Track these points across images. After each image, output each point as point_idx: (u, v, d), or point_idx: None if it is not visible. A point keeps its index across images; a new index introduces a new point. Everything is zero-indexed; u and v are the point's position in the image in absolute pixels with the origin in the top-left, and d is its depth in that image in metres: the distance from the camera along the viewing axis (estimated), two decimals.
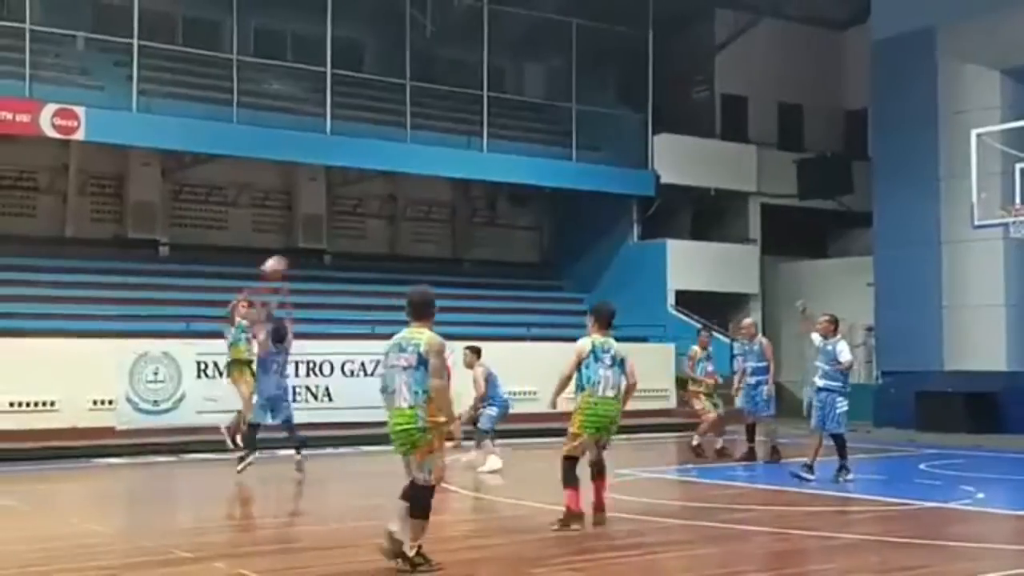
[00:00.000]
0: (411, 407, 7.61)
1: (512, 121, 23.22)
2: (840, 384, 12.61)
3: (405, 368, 7.67)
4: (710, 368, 15.69)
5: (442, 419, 7.65)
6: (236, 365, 14.50)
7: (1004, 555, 8.90)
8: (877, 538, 9.35)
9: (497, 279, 23.73)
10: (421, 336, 7.75)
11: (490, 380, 13.93)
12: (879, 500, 11.31)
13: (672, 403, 21.16)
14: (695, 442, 15.56)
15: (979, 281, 20.58)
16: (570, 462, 9.50)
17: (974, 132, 16.56)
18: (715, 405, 15.56)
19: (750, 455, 14.93)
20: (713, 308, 22.84)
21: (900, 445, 16.38)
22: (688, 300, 23.49)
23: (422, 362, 7.62)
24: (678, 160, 23.87)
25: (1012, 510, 11.04)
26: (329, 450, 16.32)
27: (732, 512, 10.59)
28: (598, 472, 9.69)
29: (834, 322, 12.89)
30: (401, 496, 7.67)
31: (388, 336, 20.89)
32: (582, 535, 9.28)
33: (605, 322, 9.81)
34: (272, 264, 13.42)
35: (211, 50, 20.82)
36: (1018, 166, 15.78)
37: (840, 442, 12.66)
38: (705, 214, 25.19)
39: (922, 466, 13.22)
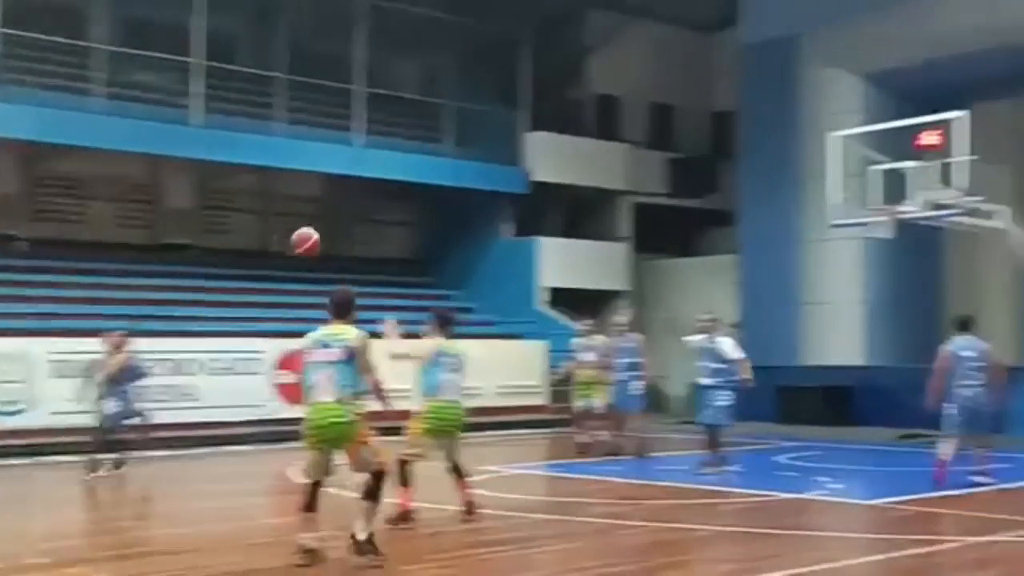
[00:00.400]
0: (337, 401, 7.74)
1: (387, 117, 23.05)
2: (724, 380, 12.87)
3: (331, 363, 7.79)
4: (588, 358, 15.50)
5: (367, 411, 7.83)
6: None
7: (855, 544, 9.26)
8: (738, 529, 9.63)
9: (370, 275, 23.52)
10: (348, 333, 7.90)
11: None
12: (741, 492, 11.61)
13: (544, 399, 21.32)
14: (583, 440, 15.40)
15: (837, 279, 21.28)
16: (405, 464, 9.57)
17: (831, 134, 17.07)
18: (586, 397, 15.36)
19: (616, 450, 15.13)
20: (585, 305, 23.08)
21: (761, 438, 16.81)
22: (560, 297, 23.72)
23: (350, 357, 7.78)
24: (551, 158, 24.06)
25: (864, 500, 11.48)
26: (194, 451, 16.00)
27: (600, 506, 10.76)
28: (457, 473, 9.76)
29: (715, 320, 13.19)
30: (362, 495, 7.86)
31: (259, 334, 20.42)
32: (453, 531, 9.30)
33: (444, 326, 9.84)
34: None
35: (75, 38, 20.10)
36: (873, 168, 16.33)
37: (714, 435, 12.92)
38: (577, 212, 25.46)
39: (781, 458, 13.62)
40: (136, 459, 13.59)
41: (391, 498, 9.37)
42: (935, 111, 15.63)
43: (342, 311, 8.08)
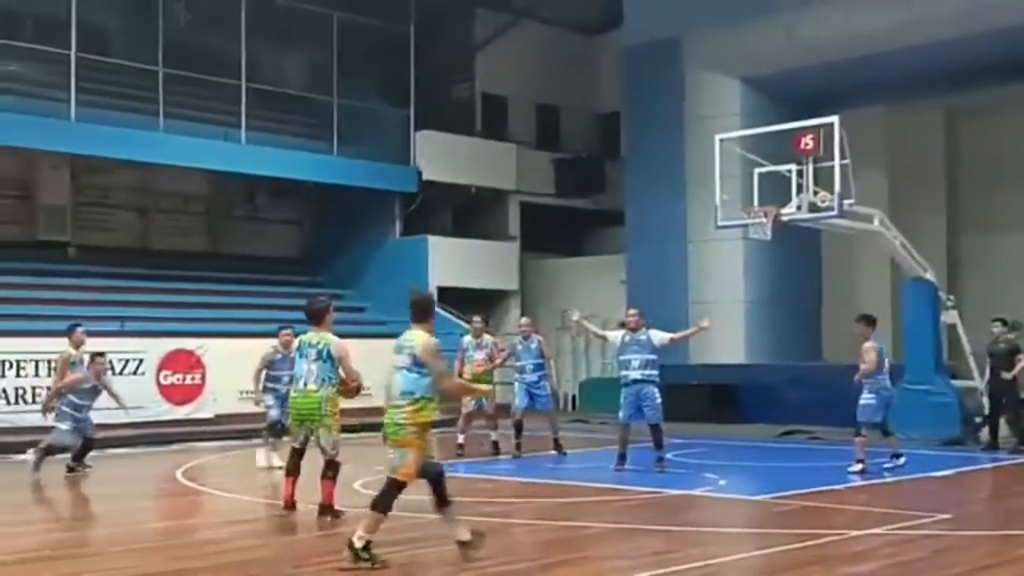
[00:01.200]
0: (396, 406, 7.95)
1: (271, 113, 22.72)
2: (657, 374, 13.02)
3: (400, 368, 7.99)
4: (479, 357, 15.40)
5: (422, 420, 7.89)
6: None
7: (742, 539, 9.50)
8: (630, 526, 9.77)
9: (256, 274, 23.20)
10: (415, 339, 8.05)
11: None
12: (631, 489, 11.77)
13: None
14: (459, 441, 15.36)
15: (721, 278, 21.72)
16: (293, 453, 10.17)
17: (718, 137, 17.34)
18: (477, 398, 15.21)
19: (515, 449, 15.18)
20: (475, 304, 23.15)
21: (650, 436, 17.07)
22: (450, 296, 23.71)
23: (416, 363, 7.92)
24: (440, 157, 24.05)
25: (749, 495, 11.74)
26: None
27: (493, 505, 10.79)
28: (324, 469, 9.90)
29: (641, 315, 13.29)
30: (372, 502, 8.04)
31: (141, 334, 19.97)
32: (346, 531, 9.21)
33: (313, 318, 10.17)
34: None
35: None
36: (756, 171, 16.70)
37: (660, 433, 13.09)
38: (466, 211, 25.50)
39: (670, 455, 13.84)
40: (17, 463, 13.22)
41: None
42: (815, 116, 16.06)
43: (417, 315, 8.25)
